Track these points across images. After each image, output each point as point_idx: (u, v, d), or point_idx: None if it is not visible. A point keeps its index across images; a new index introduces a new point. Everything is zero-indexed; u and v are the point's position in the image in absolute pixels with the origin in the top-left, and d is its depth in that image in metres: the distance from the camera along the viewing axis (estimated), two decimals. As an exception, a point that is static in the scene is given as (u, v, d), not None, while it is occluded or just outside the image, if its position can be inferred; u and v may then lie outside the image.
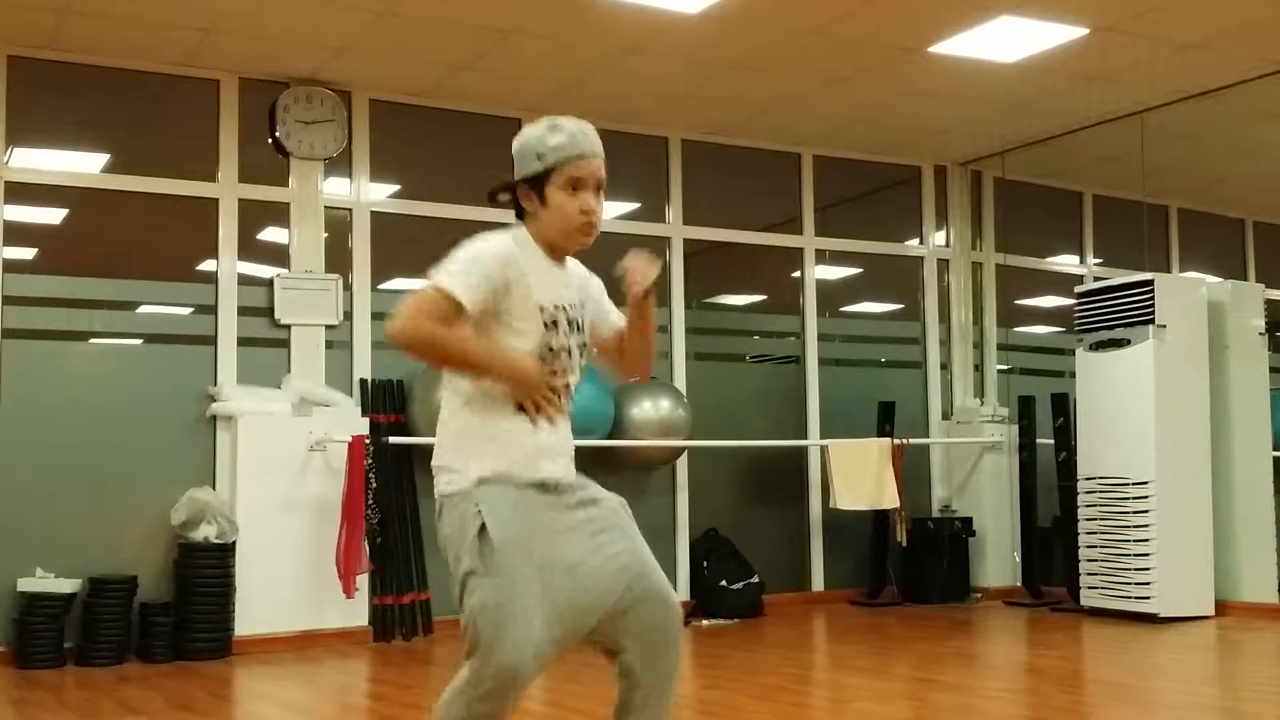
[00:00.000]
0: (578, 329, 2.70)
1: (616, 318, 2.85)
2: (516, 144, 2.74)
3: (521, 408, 2.59)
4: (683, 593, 7.58)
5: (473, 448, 2.59)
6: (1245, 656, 6.23)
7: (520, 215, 2.74)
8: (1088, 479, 7.47)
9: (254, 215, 6.82)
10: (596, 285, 2.85)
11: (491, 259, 2.58)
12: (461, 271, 2.55)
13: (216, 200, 6.70)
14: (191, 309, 6.76)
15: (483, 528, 2.52)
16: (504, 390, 2.57)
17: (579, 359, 2.71)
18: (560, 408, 2.66)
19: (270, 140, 6.81)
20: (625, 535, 2.67)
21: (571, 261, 2.79)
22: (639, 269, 2.71)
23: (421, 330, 2.50)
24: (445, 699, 2.60)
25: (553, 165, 2.65)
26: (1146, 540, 7.04)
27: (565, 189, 2.65)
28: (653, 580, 2.67)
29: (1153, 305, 7.16)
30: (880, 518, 8.04)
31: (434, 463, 2.66)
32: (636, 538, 2.70)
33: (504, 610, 2.50)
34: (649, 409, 7.21)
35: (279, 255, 6.86)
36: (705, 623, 7.20)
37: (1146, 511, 7.06)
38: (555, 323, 2.62)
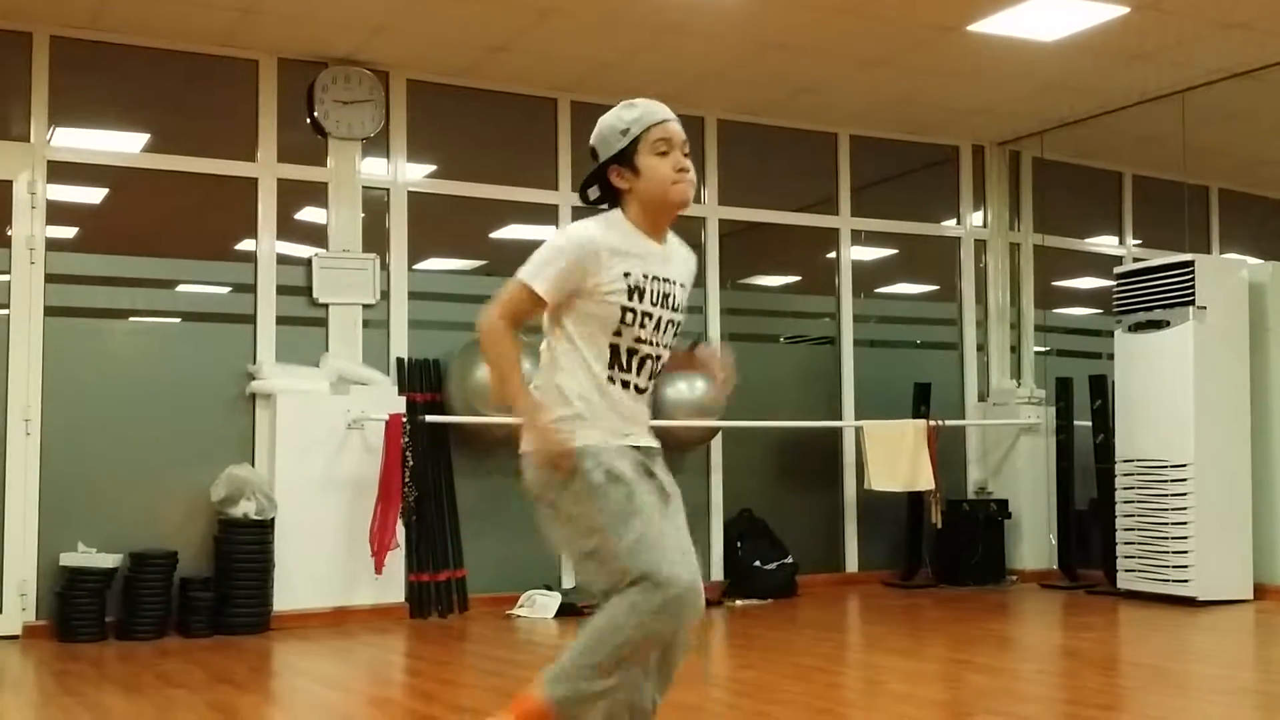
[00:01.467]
0: (670, 305, 2.81)
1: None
2: (596, 134, 2.86)
3: (610, 379, 2.75)
4: (717, 573, 7.60)
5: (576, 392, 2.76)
6: (1284, 641, 6.19)
7: (614, 203, 2.84)
8: (1125, 461, 7.42)
9: (292, 195, 6.86)
10: (690, 277, 2.96)
11: (573, 246, 2.73)
12: (543, 263, 2.72)
13: (255, 180, 6.74)
14: (230, 288, 6.82)
15: (608, 474, 2.70)
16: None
17: (668, 334, 2.82)
18: (648, 376, 2.82)
19: (309, 120, 6.84)
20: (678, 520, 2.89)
21: (676, 244, 2.91)
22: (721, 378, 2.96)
23: (495, 336, 2.72)
24: (595, 637, 2.67)
25: (638, 135, 2.79)
26: (1185, 523, 6.99)
27: (654, 153, 2.78)
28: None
29: (1193, 287, 7.09)
30: (915, 499, 8.02)
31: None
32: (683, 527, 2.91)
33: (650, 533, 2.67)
34: (684, 389, 7.20)
35: (317, 235, 6.90)
36: (739, 603, 7.22)
37: (1185, 494, 7.01)
38: (640, 291, 2.75)
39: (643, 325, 2.76)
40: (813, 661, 5.17)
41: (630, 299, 2.74)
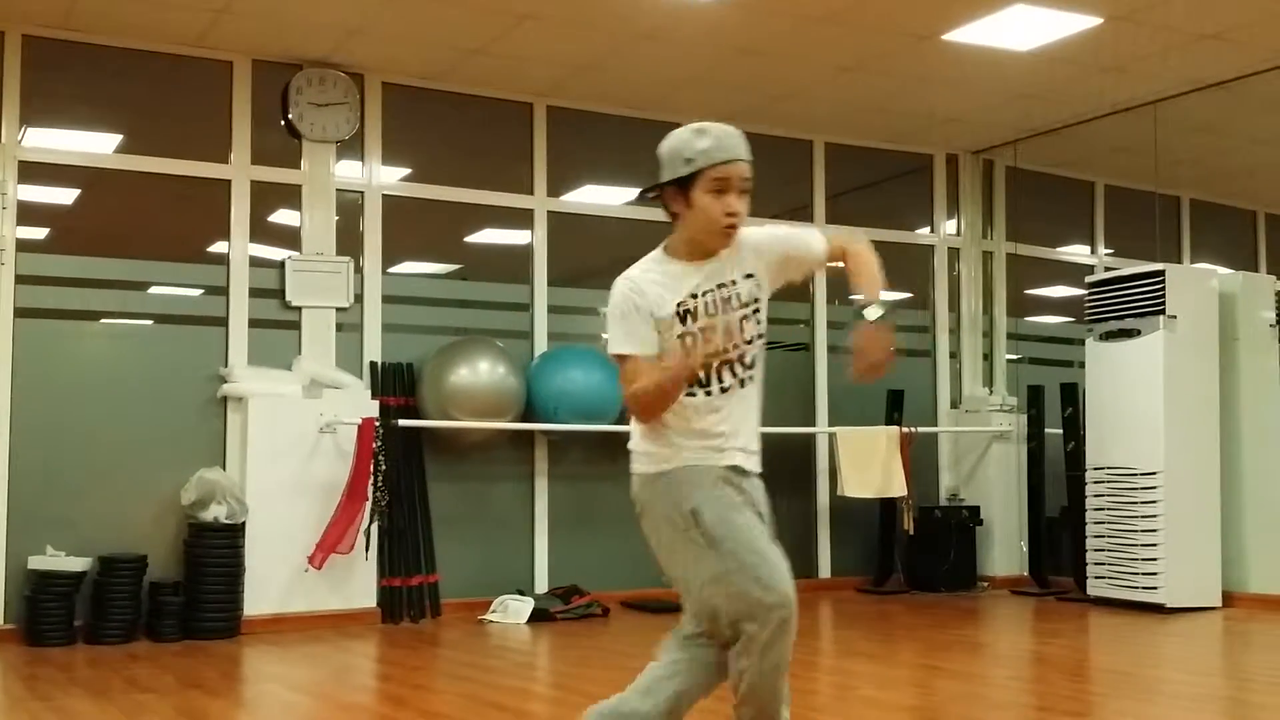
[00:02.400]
0: (733, 305, 2.85)
1: (815, 247, 2.99)
2: (664, 148, 2.88)
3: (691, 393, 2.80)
4: (690, 578, 7.60)
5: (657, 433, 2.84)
6: (1252, 648, 6.24)
7: (673, 217, 2.89)
8: (1096, 469, 7.46)
9: (266, 197, 6.83)
10: (768, 242, 2.95)
11: (626, 304, 2.82)
12: (621, 334, 2.82)
13: (229, 182, 6.71)
14: (202, 290, 6.78)
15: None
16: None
17: (740, 331, 2.84)
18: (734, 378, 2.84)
19: (283, 122, 6.81)
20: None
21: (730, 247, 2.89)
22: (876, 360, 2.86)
23: (639, 399, 2.78)
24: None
25: (699, 169, 2.77)
26: (1154, 530, 7.04)
27: (710, 191, 2.78)
28: None
29: (1164, 296, 7.15)
30: (888, 506, 8.05)
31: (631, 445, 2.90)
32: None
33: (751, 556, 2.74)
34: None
35: (290, 237, 6.87)
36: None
37: (1155, 502, 7.06)
38: (692, 312, 2.80)
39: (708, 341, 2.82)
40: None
41: (685, 323, 2.80)
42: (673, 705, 2.89)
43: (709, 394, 2.81)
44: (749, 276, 2.89)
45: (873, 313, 2.85)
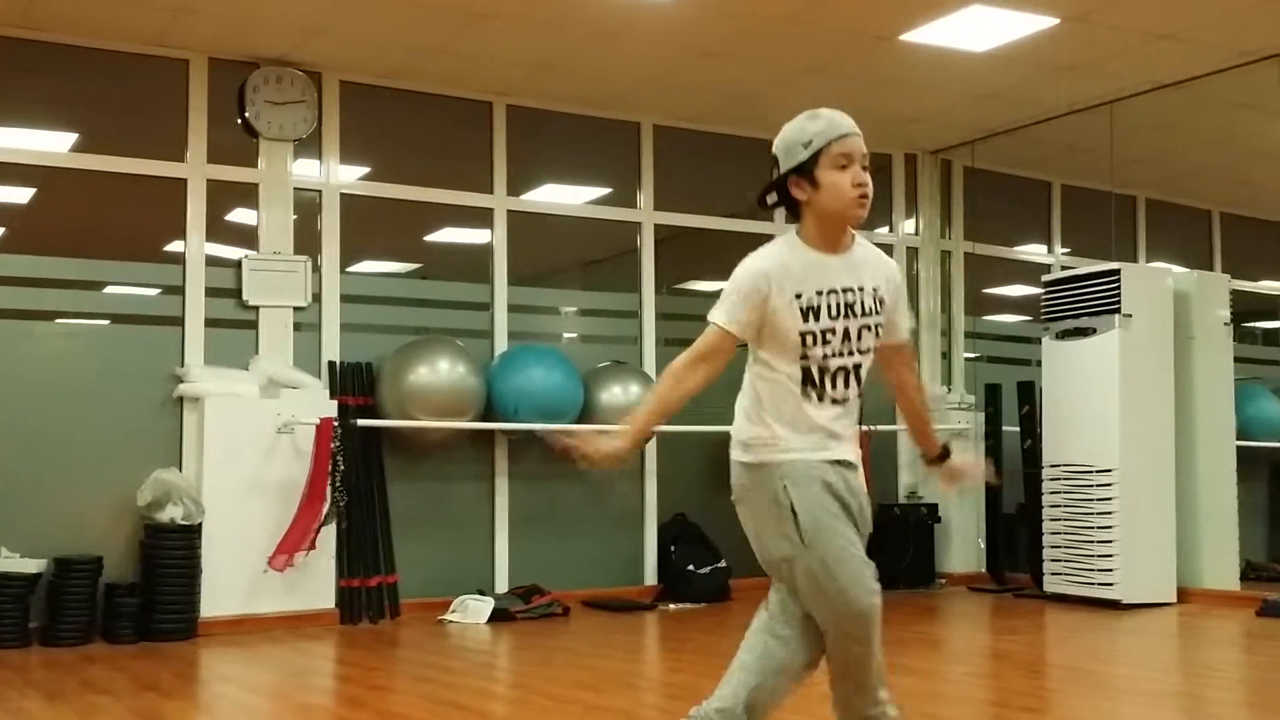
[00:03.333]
0: (856, 312, 2.84)
1: (902, 330, 3.01)
2: (779, 142, 2.89)
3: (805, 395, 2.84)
4: (650, 577, 7.62)
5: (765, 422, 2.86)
6: (1206, 643, 6.32)
7: (792, 211, 2.89)
8: (1052, 466, 7.54)
9: (222, 196, 6.77)
10: (897, 280, 2.98)
11: (749, 280, 2.80)
12: (730, 305, 2.81)
13: (185, 180, 6.65)
14: (159, 290, 6.72)
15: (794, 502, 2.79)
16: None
17: (859, 340, 2.85)
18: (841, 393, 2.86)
19: (239, 121, 6.77)
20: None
21: (863, 250, 2.92)
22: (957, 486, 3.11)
23: (668, 371, 2.85)
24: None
25: (820, 148, 2.80)
26: (1110, 527, 7.12)
27: (835, 167, 2.81)
28: None
29: (1119, 295, 7.22)
30: (848, 504, 8.06)
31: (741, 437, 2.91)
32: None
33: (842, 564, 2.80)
34: (618, 394, 7.22)
35: (247, 236, 6.83)
36: (672, 607, 7.23)
37: (1110, 499, 7.13)
38: (815, 310, 2.79)
39: (826, 343, 2.81)
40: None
41: (806, 321, 2.79)
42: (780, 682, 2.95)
43: (821, 401, 2.82)
44: (876, 290, 2.89)
45: (956, 450, 3.04)
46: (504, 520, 7.28)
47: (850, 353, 2.84)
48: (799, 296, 2.79)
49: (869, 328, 2.86)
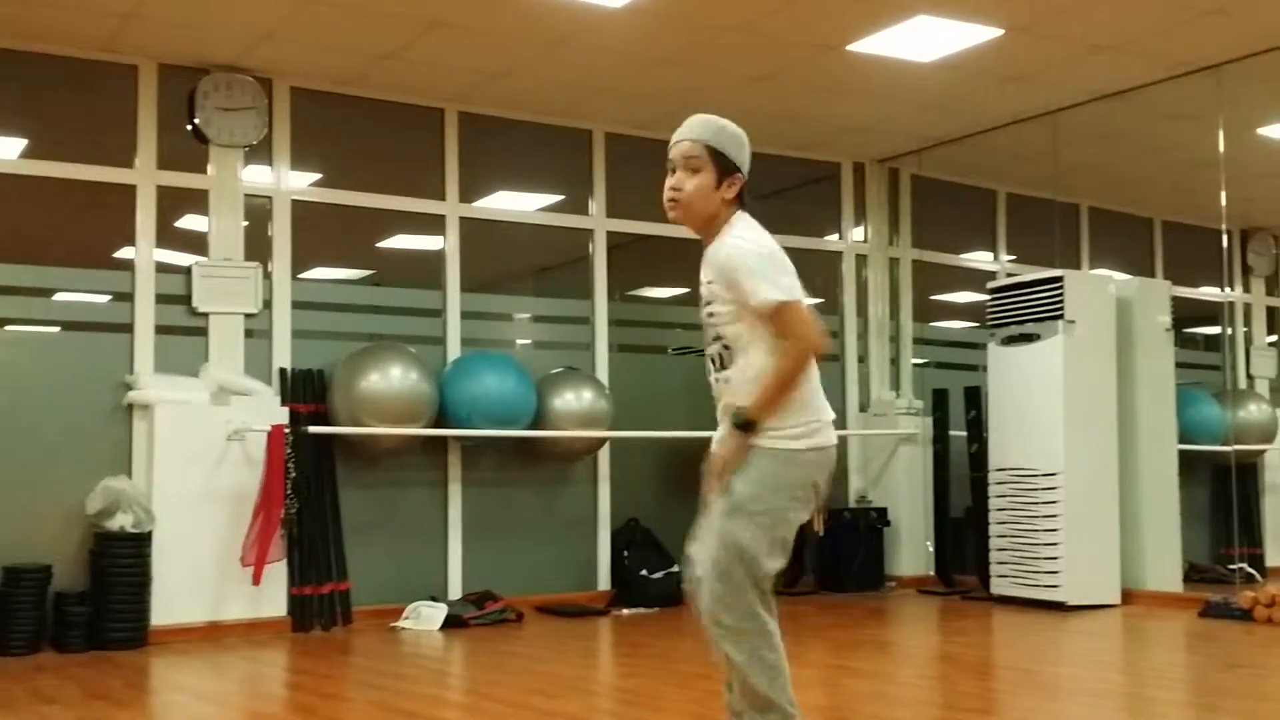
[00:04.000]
0: (703, 301, 3.12)
1: (751, 298, 3.04)
2: None
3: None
4: (603, 582, 7.65)
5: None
6: (1149, 643, 6.43)
7: None
8: (999, 470, 7.65)
9: (172, 202, 6.74)
10: (728, 265, 3.08)
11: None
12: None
13: (134, 187, 6.61)
14: (108, 296, 6.68)
15: None
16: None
17: (712, 328, 3.11)
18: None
19: (189, 127, 6.74)
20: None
21: (716, 244, 3.13)
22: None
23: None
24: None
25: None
26: (1055, 530, 7.23)
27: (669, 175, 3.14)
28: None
29: (1063, 301, 7.34)
30: (798, 508, 8.13)
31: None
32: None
33: None
34: (571, 400, 7.25)
35: (198, 243, 6.79)
36: (625, 611, 7.26)
37: (1055, 502, 7.25)
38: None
39: (707, 328, 3.15)
40: (696, 669, 5.22)
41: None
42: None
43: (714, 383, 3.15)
44: (709, 282, 3.10)
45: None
46: (457, 526, 7.28)
47: (710, 339, 3.14)
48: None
49: (711, 314, 3.09)
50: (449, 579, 7.22)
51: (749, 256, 3.02)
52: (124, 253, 6.64)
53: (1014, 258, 9.61)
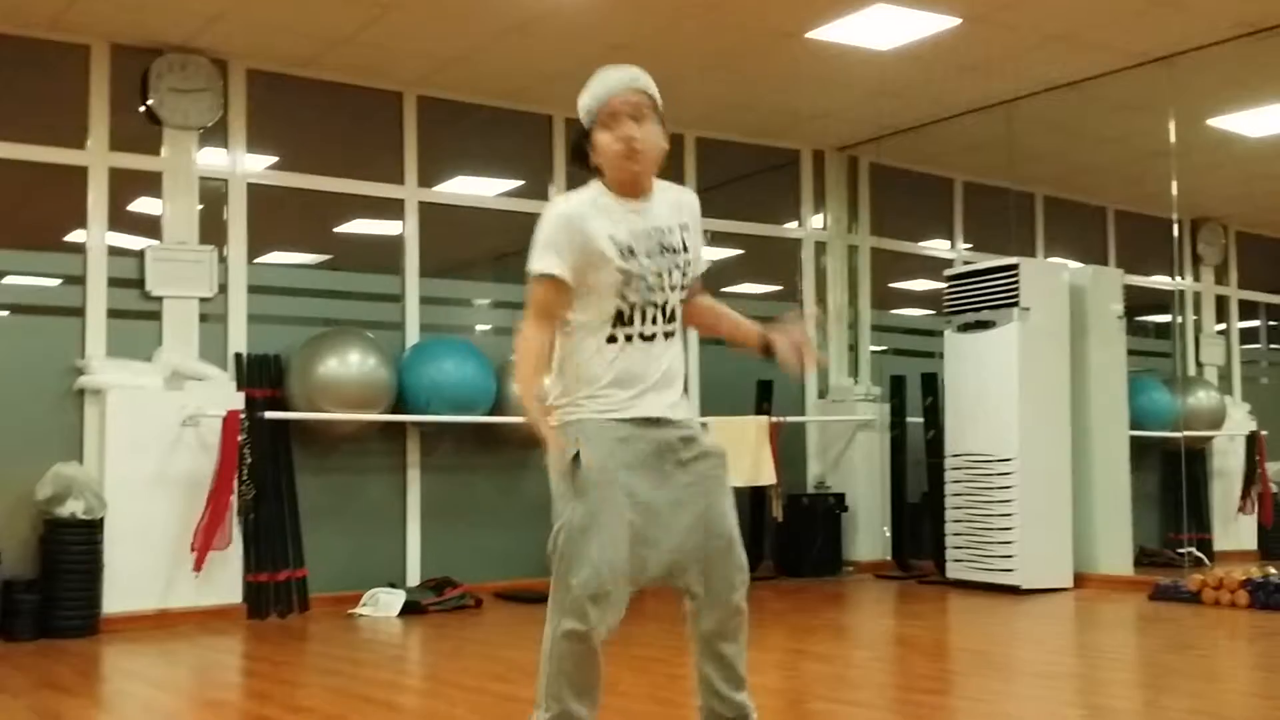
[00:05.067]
0: (669, 250, 2.91)
1: (702, 264, 3.02)
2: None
3: (612, 339, 2.85)
4: (561, 568, 7.63)
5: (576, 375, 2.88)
6: (1101, 626, 6.51)
7: (599, 173, 2.95)
8: (954, 456, 7.71)
9: (125, 185, 6.65)
10: (698, 218, 3.03)
11: (558, 225, 2.83)
12: (544, 251, 2.82)
13: (86, 169, 6.53)
14: (59, 280, 6.59)
15: (576, 456, 2.79)
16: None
17: (673, 278, 2.90)
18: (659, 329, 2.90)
19: (142, 108, 6.65)
20: (707, 493, 2.90)
21: (663, 189, 2.99)
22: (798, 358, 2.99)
23: (520, 342, 2.81)
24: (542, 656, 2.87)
25: (593, 117, 2.92)
26: (1009, 515, 7.30)
27: (604, 129, 2.89)
28: (717, 541, 2.91)
29: (1018, 289, 7.40)
30: (757, 494, 8.19)
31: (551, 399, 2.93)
32: (716, 509, 2.93)
33: (588, 532, 2.75)
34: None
35: (151, 226, 6.71)
36: (583, 598, 7.25)
37: (1009, 488, 7.31)
38: (632, 250, 2.85)
39: (644, 280, 2.85)
40: (655, 654, 5.24)
41: (624, 260, 2.82)
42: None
43: (629, 340, 2.85)
44: (683, 226, 2.96)
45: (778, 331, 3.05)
46: (415, 513, 7.26)
47: (664, 289, 2.89)
48: (613, 237, 2.83)
49: (679, 265, 2.93)
50: (407, 565, 7.20)
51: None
52: (75, 235, 6.55)
53: (970, 246, 9.69)
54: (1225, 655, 5.59)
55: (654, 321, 2.89)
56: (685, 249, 2.94)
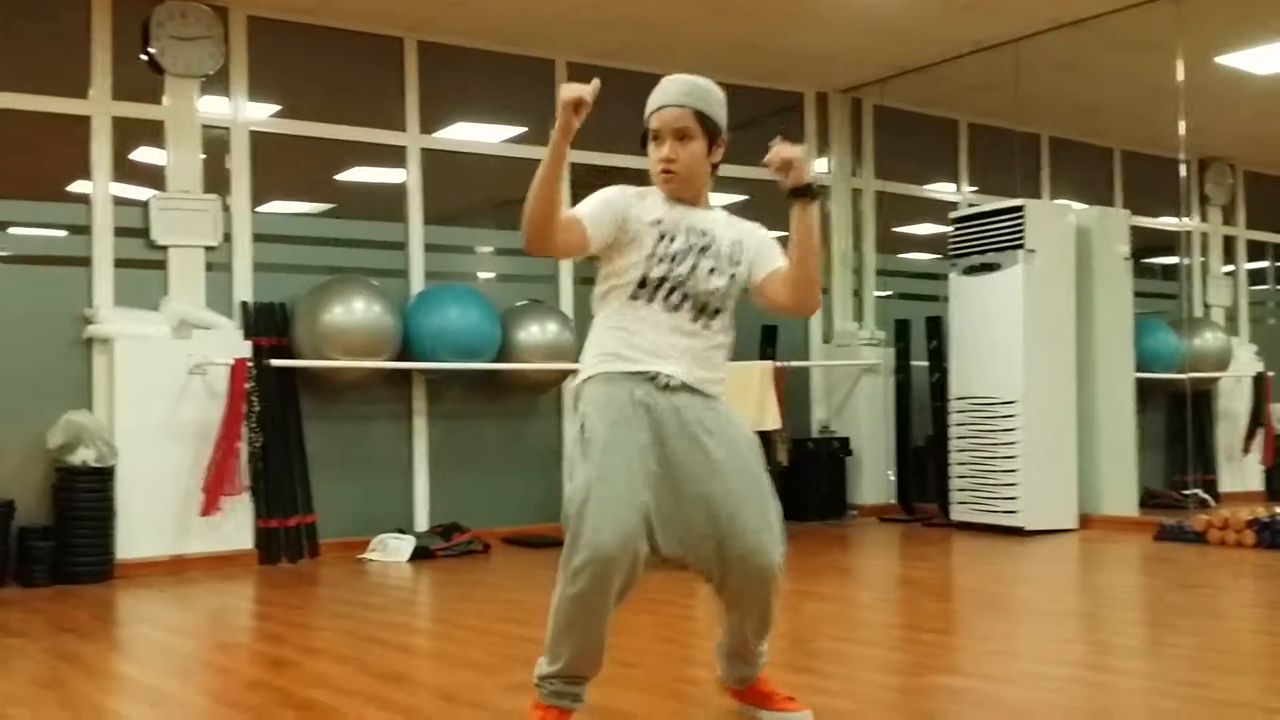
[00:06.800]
0: (709, 253, 2.95)
1: (779, 260, 3.06)
2: None
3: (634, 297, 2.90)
4: (569, 513, 7.68)
5: (593, 345, 2.96)
6: (1104, 566, 6.56)
7: None
8: (959, 399, 7.73)
9: (128, 134, 6.64)
10: (761, 237, 3.10)
11: (607, 192, 2.93)
12: (587, 200, 2.91)
13: (89, 118, 6.51)
14: (65, 230, 6.59)
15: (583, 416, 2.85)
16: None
17: (712, 282, 2.94)
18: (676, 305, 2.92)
19: (144, 57, 6.62)
20: (729, 475, 2.92)
21: (718, 213, 3.08)
22: (777, 157, 3.00)
23: (529, 203, 2.75)
24: (551, 609, 2.88)
25: (646, 127, 3.03)
26: (1013, 457, 7.33)
27: (652, 142, 2.99)
28: (739, 523, 2.93)
29: (1023, 231, 7.39)
30: (762, 439, 8.13)
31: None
32: (744, 485, 2.96)
33: (595, 494, 2.74)
34: (536, 333, 7.25)
35: (155, 175, 6.71)
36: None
37: (1013, 430, 7.34)
38: (671, 237, 2.92)
39: (676, 261, 2.90)
40: (663, 595, 5.29)
41: (656, 228, 2.90)
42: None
43: (650, 301, 2.89)
44: (735, 243, 3.02)
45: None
46: (423, 459, 7.30)
47: (689, 278, 2.91)
48: (658, 223, 2.92)
49: (721, 271, 2.96)
50: (415, 511, 7.25)
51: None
52: (79, 186, 6.54)
53: (975, 188, 9.65)
54: (1230, 593, 5.64)
55: (684, 309, 2.92)
56: (734, 262, 2.99)
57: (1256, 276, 11.53)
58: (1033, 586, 5.92)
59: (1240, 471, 9.99)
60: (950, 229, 7.94)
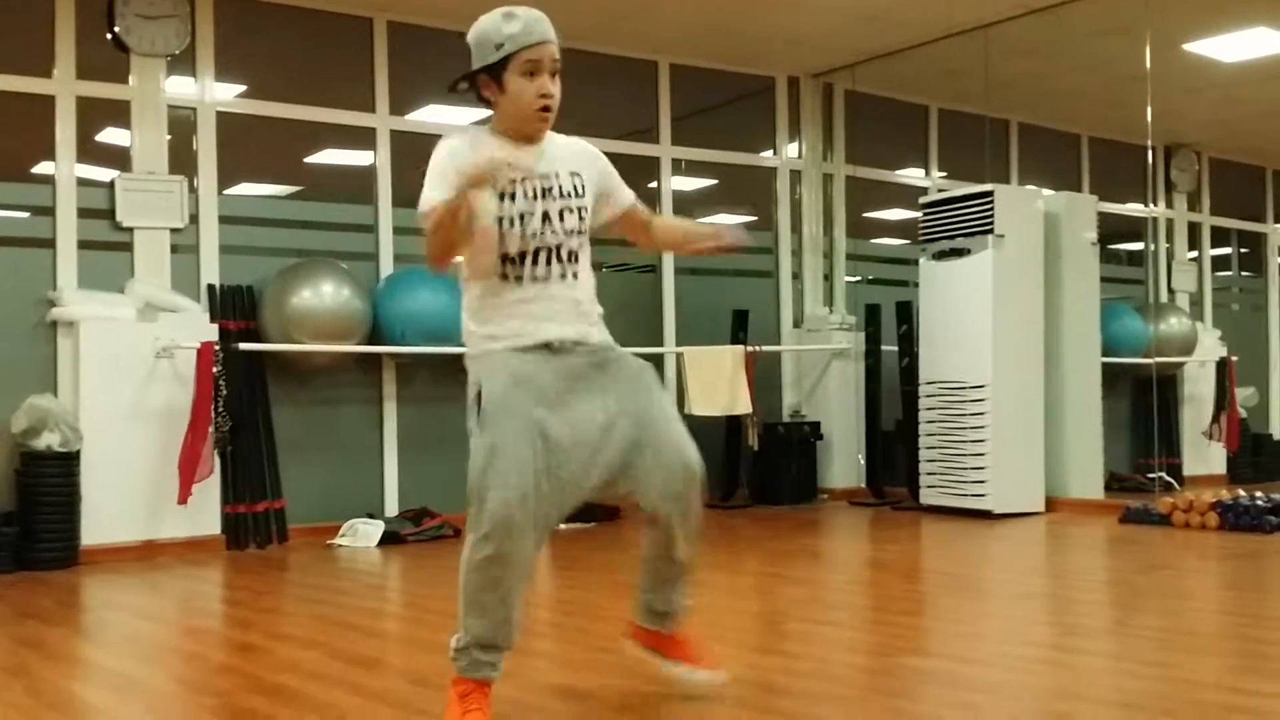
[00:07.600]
0: (555, 195, 2.88)
1: (624, 197, 3.08)
2: (472, 35, 2.89)
3: (504, 277, 2.83)
4: (539, 497, 7.67)
5: (478, 316, 2.89)
6: (1071, 548, 6.60)
7: (484, 103, 2.91)
8: (929, 383, 7.76)
9: (93, 114, 6.56)
10: (601, 168, 3.05)
11: (447, 162, 2.78)
12: (431, 186, 2.77)
13: (53, 98, 6.42)
14: (28, 211, 6.51)
15: (479, 395, 2.79)
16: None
17: (561, 223, 2.88)
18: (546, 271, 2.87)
19: (109, 35, 6.54)
20: (629, 400, 2.89)
21: (559, 139, 2.99)
22: (720, 243, 3.06)
23: (429, 240, 2.74)
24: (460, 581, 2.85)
25: (510, 53, 2.83)
26: (982, 441, 7.37)
27: (523, 75, 2.83)
28: (656, 428, 2.92)
29: (993, 216, 7.41)
30: (733, 423, 8.23)
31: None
32: (645, 402, 2.92)
33: (493, 463, 2.71)
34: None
35: (120, 156, 6.63)
36: (563, 526, 7.28)
37: (982, 414, 7.38)
38: (512, 195, 2.81)
39: (525, 223, 2.83)
40: (634, 580, 5.30)
41: (503, 202, 2.79)
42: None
43: (520, 280, 2.83)
44: (574, 174, 2.95)
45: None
46: (393, 444, 7.26)
47: (551, 233, 2.87)
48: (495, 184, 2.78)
49: (568, 209, 2.91)
50: (385, 496, 7.22)
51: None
52: (43, 167, 6.46)
53: (945, 174, 9.68)
54: (1195, 575, 5.69)
55: (546, 264, 2.87)
56: (579, 193, 2.93)
57: (1220, 262, 11.63)
58: (1001, 569, 5.96)
59: (1204, 455, 10.10)
60: (920, 214, 7.96)
